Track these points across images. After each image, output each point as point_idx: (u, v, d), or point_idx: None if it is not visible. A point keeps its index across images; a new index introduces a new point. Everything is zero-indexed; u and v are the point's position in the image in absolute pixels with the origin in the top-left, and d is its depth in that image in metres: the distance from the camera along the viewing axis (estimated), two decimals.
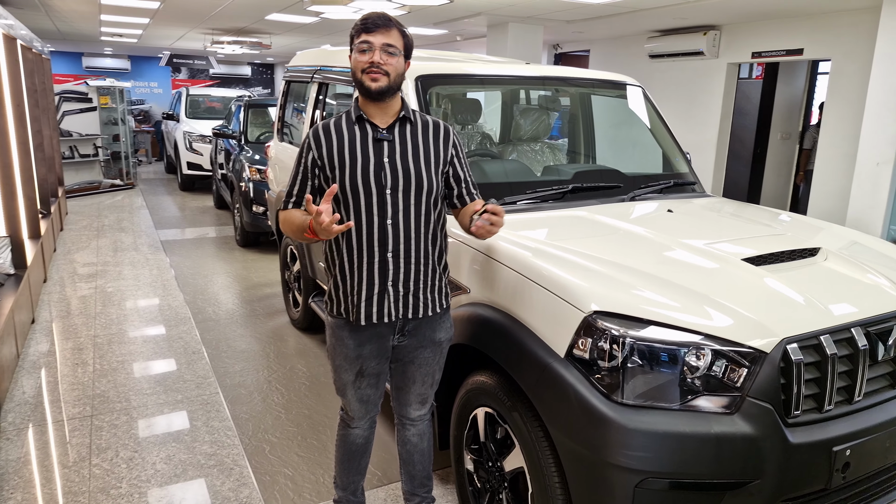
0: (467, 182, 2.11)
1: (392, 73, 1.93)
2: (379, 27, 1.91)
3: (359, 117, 2.02)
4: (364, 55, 1.92)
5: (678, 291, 1.88)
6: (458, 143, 2.10)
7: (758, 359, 1.74)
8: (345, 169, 1.97)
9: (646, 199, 2.88)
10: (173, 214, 8.95)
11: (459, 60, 3.41)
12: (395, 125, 2.01)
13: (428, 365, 2.15)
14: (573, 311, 1.85)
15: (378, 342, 2.10)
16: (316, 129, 2.06)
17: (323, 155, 2.01)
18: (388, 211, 1.96)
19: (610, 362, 1.78)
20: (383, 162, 1.97)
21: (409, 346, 2.12)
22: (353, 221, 1.98)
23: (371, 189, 1.96)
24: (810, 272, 2.11)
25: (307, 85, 4.45)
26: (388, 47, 1.92)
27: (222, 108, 11.79)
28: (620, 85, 3.48)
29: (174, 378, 3.83)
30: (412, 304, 2.03)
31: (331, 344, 2.18)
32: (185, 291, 5.51)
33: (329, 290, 2.14)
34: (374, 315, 2.02)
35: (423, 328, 2.10)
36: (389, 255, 1.98)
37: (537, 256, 2.09)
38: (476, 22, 8.34)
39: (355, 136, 2.00)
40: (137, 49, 15.87)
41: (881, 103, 5.16)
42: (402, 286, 2.01)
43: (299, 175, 2.08)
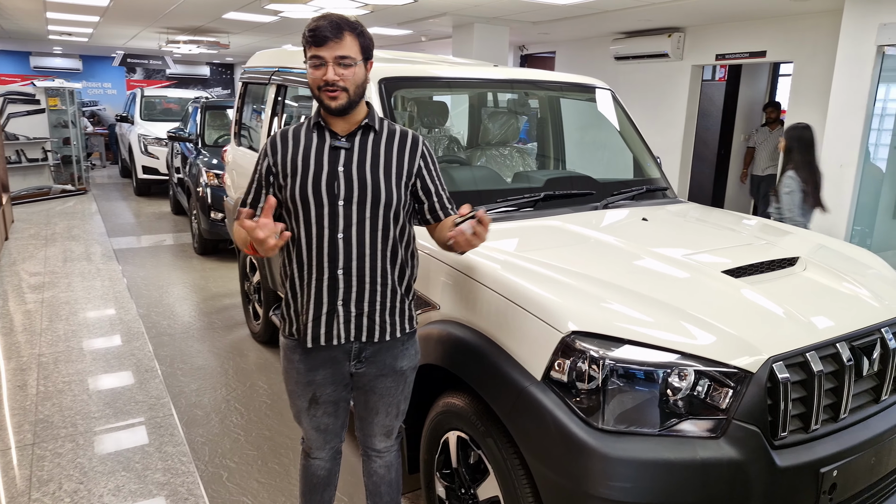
0: (440, 196, 1.96)
1: (351, 86, 1.78)
2: (329, 39, 1.74)
3: (317, 124, 1.88)
4: (317, 71, 1.77)
5: (658, 308, 1.78)
6: (429, 154, 1.95)
7: (743, 379, 1.65)
8: (296, 177, 1.83)
9: (619, 207, 2.79)
10: (128, 221, 8.61)
11: (425, 62, 3.27)
12: (356, 133, 1.87)
13: (390, 395, 2.00)
14: (550, 332, 1.73)
15: (332, 367, 1.94)
16: (275, 136, 1.92)
17: (278, 162, 1.88)
18: (340, 224, 1.82)
19: (590, 385, 1.67)
20: (337, 171, 1.82)
21: (368, 374, 1.96)
22: (303, 234, 1.84)
23: (322, 199, 1.81)
24: (791, 284, 2.03)
25: (265, 87, 4.26)
26: (341, 60, 1.76)
27: (179, 109, 11.42)
28: (590, 88, 3.39)
29: (125, 399, 3.61)
30: (366, 327, 1.88)
31: (283, 367, 2.03)
32: (139, 304, 5.25)
33: (282, 307, 1.99)
34: (321, 336, 1.87)
35: (383, 355, 1.95)
36: (340, 271, 1.83)
37: (510, 271, 1.97)
38: (441, 22, 8.22)
39: (311, 144, 1.86)
40: (89, 48, 15.32)
41: (843, 105, 5.20)
42: (353, 306, 1.86)
43: (254, 183, 1.95)
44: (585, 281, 1.89)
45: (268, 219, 1.66)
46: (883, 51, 4.94)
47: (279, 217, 1.97)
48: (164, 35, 11.30)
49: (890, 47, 4.92)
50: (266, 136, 3.99)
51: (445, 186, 2.00)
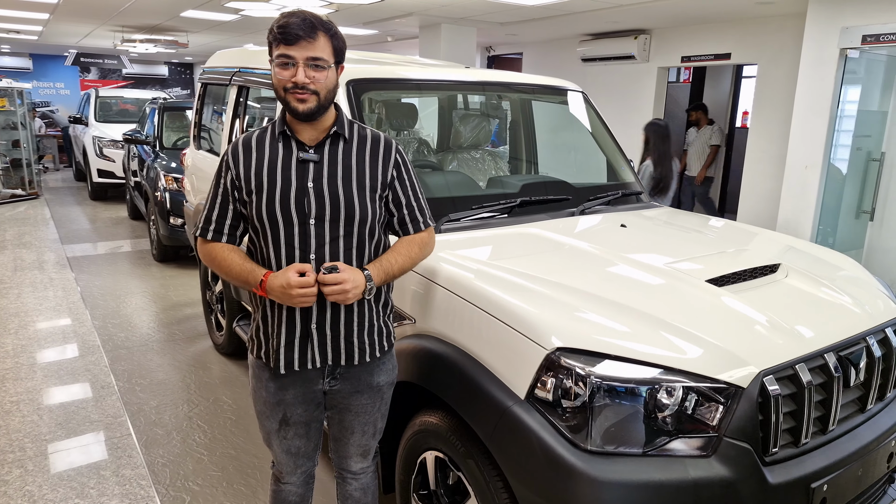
0: (411, 208, 1.83)
1: (322, 90, 1.64)
2: (301, 38, 1.59)
3: (283, 133, 1.74)
4: (285, 71, 1.62)
5: (644, 321, 1.71)
6: (402, 160, 1.82)
7: (734, 395, 1.59)
8: (262, 194, 1.69)
9: (596, 213, 2.72)
10: (83, 227, 8.27)
11: (394, 63, 3.16)
12: (324, 143, 1.74)
13: (367, 413, 1.89)
14: (534, 348, 1.64)
15: (303, 386, 1.82)
16: (235, 144, 1.77)
17: (240, 175, 1.73)
18: (312, 244, 1.68)
19: (576, 404, 1.58)
20: (306, 187, 1.68)
21: (343, 391, 1.85)
22: (272, 255, 1.71)
23: (291, 218, 1.68)
24: (774, 292, 1.98)
25: (226, 88, 4.09)
26: (313, 61, 1.62)
27: (136, 110, 11.06)
28: (563, 91, 3.33)
29: (79, 419, 3.40)
30: (344, 349, 1.77)
31: (252, 387, 1.90)
32: (94, 315, 5.01)
33: (251, 329, 1.86)
34: (295, 362, 1.75)
35: (359, 371, 1.84)
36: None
37: (488, 282, 1.88)
38: (408, 23, 8.11)
39: (277, 156, 1.71)
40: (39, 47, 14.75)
41: (808, 107, 5.26)
42: (328, 329, 1.74)
43: (218, 198, 1.77)
44: (568, 293, 1.81)
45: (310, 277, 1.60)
46: (845, 54, 5.01)
47: (244, 233, 1.84)
48: (120, 33, 10.92)
49: (852, 50, 5.00)
50: (228, 139, 3.82)
51: (422, 194, 1.88)
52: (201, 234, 1.79)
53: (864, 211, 5.49)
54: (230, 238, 1.78)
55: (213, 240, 1.77)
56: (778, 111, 6.44)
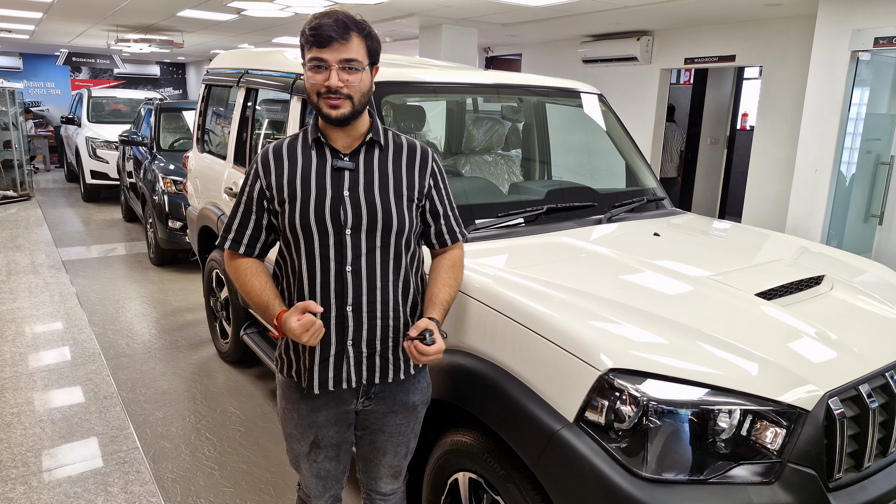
0: (447, 218, 1.77)
1: (356, 94, 1.56)
2: (334, 40, 1.51)
3: (316, 140, 1.65)
4: (318, 75, 1.55)
5: (700, 340, 1.63)
6: (439, 169, 1.76)
7: (799, 418, 1.51)
8: (295, 203, 1.61)
9: (624, 220, 2.64)
10: (77, 229, 8.11)
11: (410, 65, 3.07)
12: (360, 150, 1.65)
13: (401, 433, 1.80)
14: (585, 369, 1.55)
15: (336, 407, 1.74)
16: (265, 152, 1.68)
17: (272, 185, 1.65)
18: (348, 255, 1.61)
19: (631, 429, 1.50)
20: (342, 195, 1.61)
21: (377, 411, 1.76)
22: (306, 268, 1.62)
23: (327, 229, 1.60)
24: (824, 307, 1.91)
25: (231, 90, 3.99)
26: (347, 64, 1.54)
27: (130, 110, 10.89)
28: (585, 94, 3.24)
29: (83, 431, 3.29)
30: (379, 367, 1.68)
31: (281, 407, 1.81)
32: (94, 321, 4.88)
33: (279, 346, 1.76)
34: (329, 381, 1.67)
35: (393, 390, 1.75)
36: (349, 308, 1.62)
37: (529, 297, 1.79)
38: (408, 23, 8.01)
39: (311, 164, 1.63)
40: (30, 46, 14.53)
41: (818, 110, 5.21)
42: (364, 346, 1.65)
43: (241, 207, 1.70)
44: (615, 308, 1.73)
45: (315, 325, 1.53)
46: (857, 56, 4.97)
47: (270, 244, 1.75)
48: (114, 33, 10.75)
49: (863, 53, 4.95)
50: (235, 142, 3.72)
51: (455, 205, 1.81)
52: (219, 243, 1.74)
53: (872, 215, 5.45)
54: (248, 249, 1.71)
55: (231, 249, 1.71)
56: (784, 113, 6.40)
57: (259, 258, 1.74)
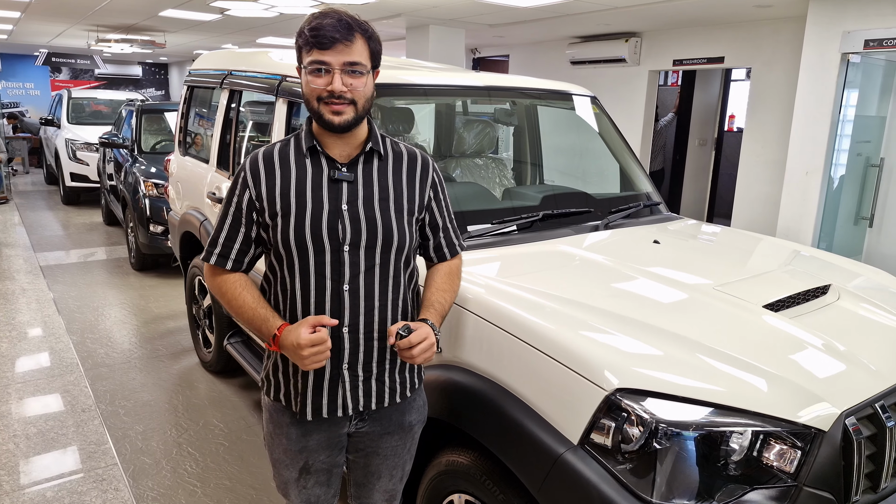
0: (447, 230, 1.67)
1: (360, 99, 1.45)
2: (337, 41, 1.40)
3: (311, 148, 1.53)
4: (319, 79, 1.43)
5: (710, 356, 1.55)
6: (439, 179, 1.65)
7: (815, 438, 1.43)
8: (289, 217, 1.49)
9: (622, 227, 2.57)
10: (55, 233, 7.91)
11: (400, 67, 2.98)
12: (358, 160, 1.54)
13: (396, 455, 1.71)
14: (589, 388, 1.47)
15: (328, 431, 1.63)
16: (254, 159, 1.56)
17: (263, 195, 1.52)
18: (346, 273, 1.50)
19: (639, 452, 1.42)
20: (341, 209, 1.49)
21: (371, 433, 1.66)
22: (299, 286, 1.51)
23: (323, 245, 1.49)
24: (833, 318, 1.84)
25: (215, 91, 3.87)
26: (351, 67, 1.43)
27: (111, 112, 10.68)
28: (579, 96, 3.17)
29: (60, 447, 3.15)
30: (375, 391, 1.58)
31: (268, 431, 1.70)
32: (72, 330, 4.73)
33: (266, 367, 1.66)
34: (323, 408, 1.56)
35: (389, 411, 1.66)
36: (345, 329, 1.51)
37: (529, 310, 1.70)
38: (395, 24, 7.91)
39: (306, 174, 1.51)
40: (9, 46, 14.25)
41: (808, 113, 5.18)
42: (361, 369, 1.55)
43: (228, 219, 1.57)
44: (622, 324, 1.64)
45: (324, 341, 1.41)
46: (847, 58, 4.94)
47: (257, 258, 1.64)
48: (94, 33, 10.54)
49: (854, 55, 4.93)
50: (218, 145, 3.60)
51: (453, 216, 1.72)
52: (205, 257, 1.60)
53: (863, 217, 5.43)
54: (236, 264, 1.58)
55: (217, 265, 1.58)
56: (773, 115, 6.38)
57: (245, 272, 1.63)
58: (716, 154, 8.69)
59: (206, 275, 1.62)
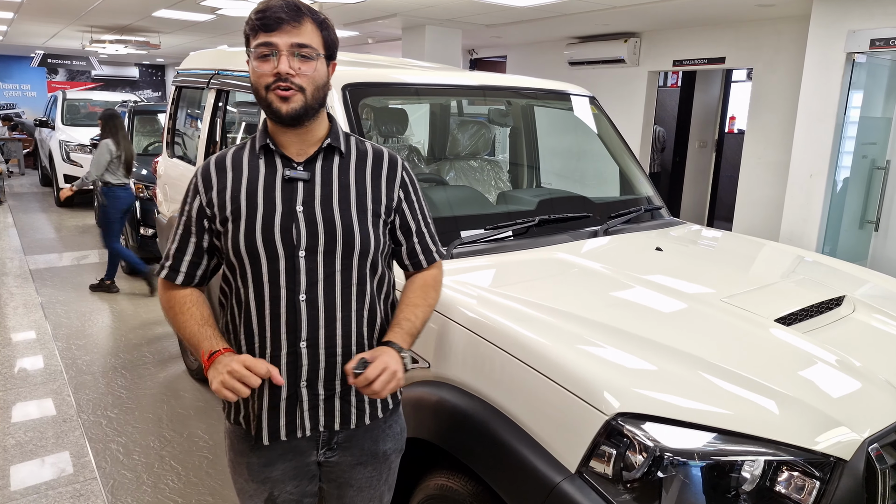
0: (422, 234, 1.53)
1: (309, 85, 1.33)
2: (284, 22, 1.30)
3: (265, 147, 1.41)
4: (266, 63, 1.32)
5: (719, 377, 1.43)
6: (410, 179, 1.52)
7: (835, 468, 1.31)
8: (239, 222, 1.37)
9: (622, 233, 2.45)
10: (47, 236, 7.79)
11: (391, 65, 2.86)
12: (316, 158, 1.42)
13: (371, 487, 1.57)
14: (588, 412, 1.35)
15: (294, 460, 1.49)
16: (206, 164, 1.45)
17: (213, 201, 1.40)
18: (302, 282, 1.37)
19: (641, 481, 1.30)
20: (295, 211, 1.37)
21: (343, 463, 1.52)
22: (253, 297, 1.38)
23: (276, 251, 1.36)
24: (848, 332, 1.72)
25: (202, 91, 3.75)
26: (299, 49, 1.32)
27: None
28: (578, 96, 3.05)
29: (38, 459, 3.03)
30: (340, 411, 1.44)
31: (230, 458, 1.55)
32: (58, 336, 4.60)
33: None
34: (281, 430, 1.42)
35: (360, 438, 1.51)
36: (303, 344, 1.38)
37: (524, 325, 1.58)
38: (390, 24, 7.80)
39: (258, 174, 1.40)
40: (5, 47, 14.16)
41: (812, 114, 5.07)
42: (322, 387, 1.41)
43: (180, 229, 1.46)
44: (624, 340, 1.52)
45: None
46: (853, 58, 4.83)
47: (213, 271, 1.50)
48: (88, 34, 10.44)
49: (859, 55, 4.82)
50: (205, 146, 3.48)
51: (431, 219, 1.58)
52: (158, 271, 1.49)
53: (868, 221, 5.32)
54: (187, 278, 1.46)
55: (168, 279, 1.46)
56: (775, 117, 6.26)
57: (198, 287, 1.50)
58: (716, 156, 8.59)
59: (159, 290, 1.50)
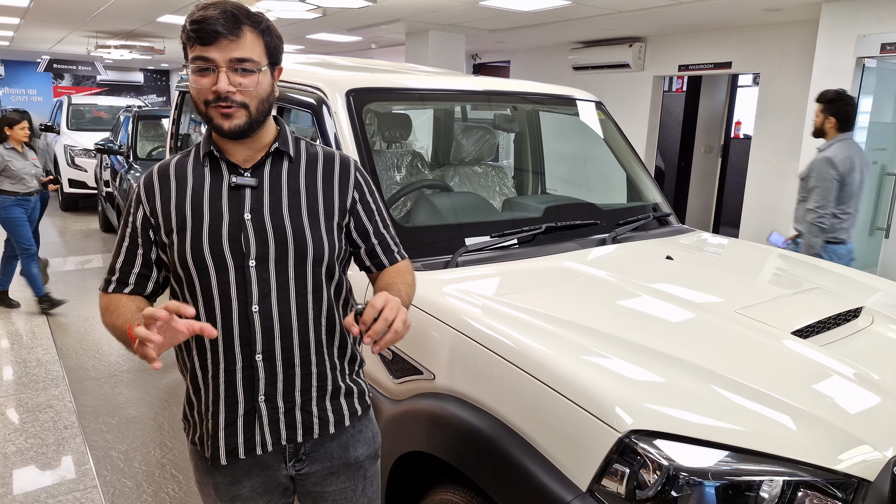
0: (380, 235, 1.46)
1: (252, 101, 1.28)
2: (221, 35, 1.23)
3: (209, 154, 1.35)
4: (204, 78, 1.26)
5: (736, 392, 1.38)
6: (364, 180, 1.46)
7: (859, 489, 1.26)
8: (185, 233, 1.31)
9: (631, 241, 2.40)
10: (51, 240, 7.78)
11: (394, 70, 2.83)
12: (263, 163, 1.36)
13: (347, 499, 1.49)
14: (600, 428, 1.30)
15: (262, 475, 1.42)
16: (149, 174, 1.38)
17: (157, 211, 1.34)
18: (254, 293, 1.31)
19: (654, 500, 1.25)
20: (243, 219, 1.31)
21: (314, 474, 1.45)
22: (203, 311, 1.31)
23: (225, 261, 1.30)
24: (868, 345, 1.67)
25: None
26: (238, 64, 1.25)
27: (110, 118, 10.60)
28: (585, 101, 3.01)
29: (38, 467, 2.99)
30: (301, 422, 1.38)
31: (196, 479, 1.48)
32: (60, 341, 4.58)
33: (183, 404, 1.45)
34: (239, 448, 1.35)
35: (328, 447, 1.44)
36: (258, 356, 1.32)
37: (532, 337, 1.53)
38: (394, 29, 7.79)
39: (203, 182, 1.34)
40: (11, 53, 14.22)
41: None
42: (281, 400, 1.35)
43: (125, 241, 1.38)
44: (635, 353, 1.47)
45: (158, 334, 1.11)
46: (863, 63, 4.78)
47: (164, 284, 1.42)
48: (94, 39, 10.46)
49: (870, 59, 4.76)
50: None
51: (390, 221, 1.54)
52: (103, 286, 1.39)
53: (878, 228, 5.25)
54: (137, 289, 1.38)
55: (116, 292, 1.37)
56: (783, 122, 6.21)
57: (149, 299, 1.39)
58: (722, 161, 8.53)
59: (100, 306, 1.38)
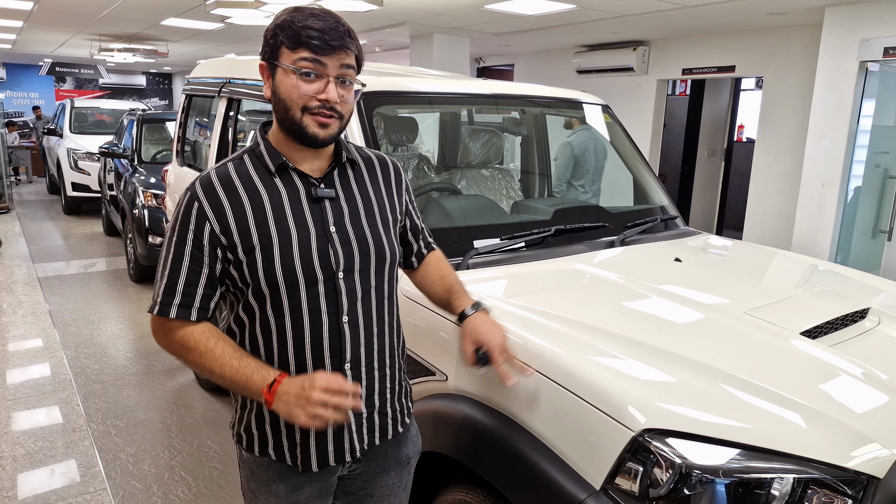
0: (424, 232, 1.58)
1: (347, 113, 1.28)
2: (339, 48, 1.21)
3: (281, 166, 1.30)
4: (310, 84, 1.22)
5: (747, 391, 1.40)
6: (408, 183, 1.53)
7: (868, 486, 1.28)
8: (272, 250, 1.25)
9: (639, 243, 2.42)
10: (55, 244, 7.81)
11: (405, 74, 2.85)
12: (332, 173, 1.35)
13: (393, 495, 1.53)
14: (614, 428, 1.32)
15: (321, 480, 1.44)
16: (208, 183, 1.28)
17: (230, 228, 1.25)
18: (344, 304, 1.30)
19: (667, 498, 1.27)
20: (329, 232, 1.30)
21: (366, 473, 1.48)
22: (290, 326, 1.29)
23: (316, 276, 1.28)
24: (876, 345, 1.69)
25: (213, 100, 3.75)
26: (346, 75, 1.25)
27: (113, 121, 10.63)
28: (591, 105, 3.03)
29: (48, 470, 3.01)
30: (378, 426, 1.42)
31: (249, 489, 1.47)
32: (67, 344, 4.59)
33: (245, 419, 1.40)
34: (330, 456, 1.37)
35: (385, 445, 1.48)
36: (347, 366, 1.33)
37: (545, 338, 1.55)
38: (399, 32, 7.82)
39: (280, 196, 1.29)
40: (13, 56, 14.25)
41: (825, 122, 5.04)
42: (364, 406, 1.38)
43: (185, 259, 1.26)
44: (646, 353, 1.49)
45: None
46: (866, 66, 4.80)
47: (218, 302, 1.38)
48: (97, 42, 10.50)
49: (873, 63, 4.79)
50: (216, 155, 3.47)
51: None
52: (160, 310, 1.26)
53: (881, 230, 5.27)
54: (201, 313, 1.28)
55: (180, 317, 1.26)
56: (786, 125, 6.23)
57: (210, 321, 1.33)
58: (725, 165, 8.55)
59: (159, 331, 1.30)
